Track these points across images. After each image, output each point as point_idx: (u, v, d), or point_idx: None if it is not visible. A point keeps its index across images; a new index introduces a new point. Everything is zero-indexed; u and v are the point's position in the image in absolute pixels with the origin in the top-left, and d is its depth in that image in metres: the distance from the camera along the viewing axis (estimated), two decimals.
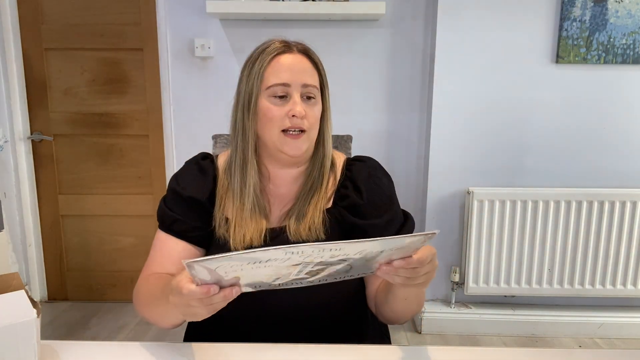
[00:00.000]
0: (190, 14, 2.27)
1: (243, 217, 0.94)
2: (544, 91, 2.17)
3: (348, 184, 0.98)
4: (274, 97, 0.91)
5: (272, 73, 0.91)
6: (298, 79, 0.91)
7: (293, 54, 0.93)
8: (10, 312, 0.71)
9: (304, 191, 0.96)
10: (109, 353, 0.81)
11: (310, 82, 0.92)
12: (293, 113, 0.89)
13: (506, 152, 2.22)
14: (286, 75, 0.90)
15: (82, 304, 2.58)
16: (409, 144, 2.37)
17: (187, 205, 0.96)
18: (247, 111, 0.93)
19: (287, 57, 0.92)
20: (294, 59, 0.92)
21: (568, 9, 2.08)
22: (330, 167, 1.00)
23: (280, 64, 0.91)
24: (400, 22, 2.26)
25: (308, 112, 0.91)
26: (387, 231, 0.95)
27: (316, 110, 0.94)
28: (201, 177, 0.99)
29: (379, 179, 0.99)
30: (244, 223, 0.93)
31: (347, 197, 0.96)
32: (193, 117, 2.37)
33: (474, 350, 0.86)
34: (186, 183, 0.98)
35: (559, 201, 2.15)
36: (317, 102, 0.94)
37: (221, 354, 0.81)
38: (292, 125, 0.90)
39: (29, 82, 2.42)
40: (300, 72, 0.91)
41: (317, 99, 0.94)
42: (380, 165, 1.04)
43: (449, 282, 2.36)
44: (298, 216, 0.94)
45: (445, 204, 2.29)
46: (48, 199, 2.54)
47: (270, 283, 0.69)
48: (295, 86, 0.91)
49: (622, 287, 2.21)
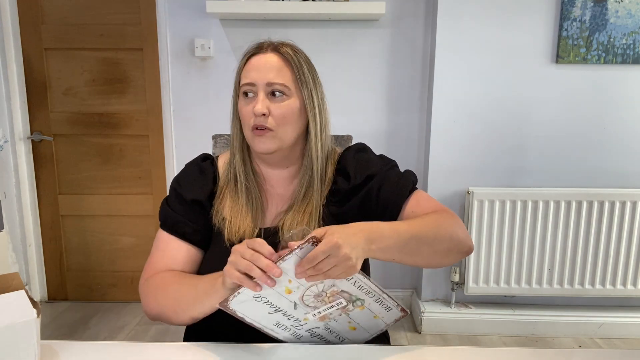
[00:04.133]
0: (190, 14, 2.27)
1: (239, 211, 0.96)
2: (544, 91, 2.17)
3: (338, 178, 0.99)
4: (244, 96, 0.95)
5: (244, 74, 0.95)
6: (262, 77, 0.92)
7: (265, 53, 0.95)
8: (10, 312, 0.71)
9: (297, 196, 0.97)
10: (109, 353, 0.81)
11: (275, 80, 0.92)
12: (254, 111, 0.91)
13: (506, 152, 2.22)
14: (252, 74, 0.93)
15: (82, 304, 2.58)
16: (409, 144, 2.37)
17: (189, 207, 0.98)
18: (234, 112, 0.98)
19: (257, 57, 0.94)
20: (263, 58, 0.94)
21: (568, 9, 2.08)
22: (326, 164, 1.00)
23: (251, 64, 0.94)
24: (400, 22, 2.26)
25: (273, 109, 0.92)
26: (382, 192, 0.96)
27: (285, 108, 0.93)
28: (202, 179, 1.01)
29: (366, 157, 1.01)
30: (240, 217, 0.96)
31: (339, 191, 0.98)
32: (193, 117, 2.37)
33: (474, 350, 0.86)
34: (188, 185, 1.00)
35: (559, 201, 2.15)
36: (287, 99, 0.93)
37: (221, 354, 0.81)
38: (255, 123, 0.92)
39: (29, 82, 2.42)
40: (266, 70, 0.92)
41: (290, 95, 0.94)
42: (367, 146, 1.05)
43: (449, 282, 2.36)
44: (292, 218, 0.95)
45: (445, 204, 2.25)
46: (48, 199, 2.54)
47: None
48: (260, 85, 0.92)
49: (622, 287, 2.21)
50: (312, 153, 0.97)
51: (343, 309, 0.79)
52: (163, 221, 0.99)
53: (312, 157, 0.97)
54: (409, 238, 0.81)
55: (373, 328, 0.86)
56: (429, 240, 0.84)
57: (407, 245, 0.81)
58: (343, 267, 0.71)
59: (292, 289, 0.74)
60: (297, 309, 0.78)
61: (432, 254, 0.85)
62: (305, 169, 0.98)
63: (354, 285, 0.76)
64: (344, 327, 0.84)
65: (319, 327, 0.83)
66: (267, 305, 0.76)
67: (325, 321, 0.81)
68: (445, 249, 0.87)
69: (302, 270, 0.71)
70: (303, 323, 0.81)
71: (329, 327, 0.83)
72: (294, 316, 0.79)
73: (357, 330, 0.85)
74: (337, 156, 1.03)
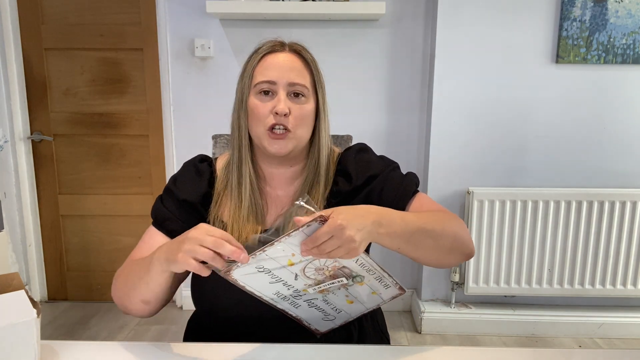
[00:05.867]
0: (190, 14, 2.27)
1: (240, 215, 0.95)
2: (544, 91, 2.17)
3: (339, 179, 0.99)
4: (260, 94, 0.92)
5: (260, 71, 0.92)
6: (284, 76, 0.91)
7: (283, 52, 0.94)
8: (10, 312, 0.71)
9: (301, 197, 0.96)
10: (109, 353, 0.81)
11: (297, 81, 0.92)
12: (276, 110, 0.90)
13: (506, 152, 2.22)
14: (273, 73, 0.91)
15: (82, 304, 2.59)
16: (409, 144, 2.37)
17: (181, 206, 0.97)
18: (240, 110, 0.95)
19: (276, 55, 0.93)
20: (283, 57, 0.93)
21: (568, 9, 2.08)
22: (327, 166, 0.99)
23: (269, 62, 0.93)
24: (400, 22, 2.26)
25: (294, 110, 0.91)
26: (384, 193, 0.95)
27: (305, 109, 0.93)
28: (197, 180, 1.00)
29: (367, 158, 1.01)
30: (241, 222, 0.94)
31: (340, 192, 0.97)
32: (193, 117, 2.37)
33: (474, 350, 0.86)
34: (182, 185, 1.00)
35: (559, 201, 2.15)
36: (307, 102, 0.94)
37: (221, 354, 0.81)
38: (275, 122, 0.91)
39: (29, 82, 2.42)
40: (288, 70, 0.92)
41: (308, 98, 0.94)
42: (367, 147, 1.05)
43: (449, 282, 2.36)
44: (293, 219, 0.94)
45: (445, 204, 2.29)
46: (48, 199, 2.54)
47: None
48: (282, 84, 0.91)
49: (622, 287, 2.21)
50: (319, 155, 0.97)
51: (343, 284, 0.81)
52: (154, 217, 0.99)
53: (319, 159, 0.97)
54: (417, 229, 0.81)
55: (370, 303, 0.87)
56: (435, 234, 0.84)
57: (413, 235, 0.81)
58: (346, 249, 0.71)
59: (294, 261, 0.75)
60: (297, 279, 0.78)
61: (435, 249, 0.85)
62: (310, 170, 0.98)
63: (356, 262, 0.77)
64: (342, 301, 0.85)
65: (317, 299, 0.84)
66: (268, 275, 0.77)
67: (324, 294, 0.83)
68: (449, 247, 0.87)
69: (307, 248, 0.71)
70: (302, 294, 0.82)
71: (327, 299, 0.84)
72: (294, 287, 0.80)
73: (354, 304, 0.86)
74: (337, 156, 1.03)
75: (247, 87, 0.94)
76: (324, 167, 0.98)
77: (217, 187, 0.99)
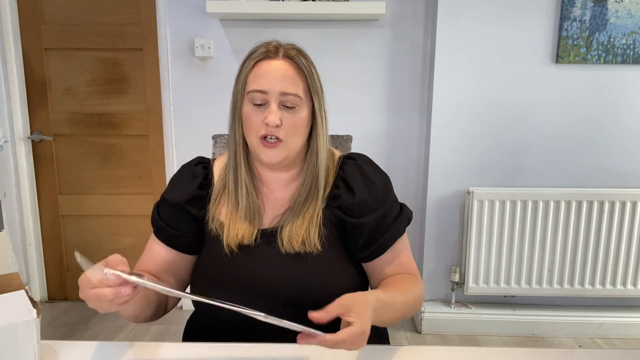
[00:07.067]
0: (190, 14, 2.27)
1: (237, 215, 0.95)
2: (544, 91, 2.17)
3: (340, 183, 0.98)
4: (252, 103, 0.91)
5: (252, 79, 0.91)
6: (276, 86, 0.89)
7: (276, 59, 0.91)
8: (10, 312, 0.71)
9: (298, 201, 0.95)
10: (109, 353, 0.81)
11: (289, 91, 0.90)
12: (267, 122, 0.89)
13: (506, 152, 2.22)
14: (264, 82, 0.90)
15: (82, 304, 2.55)
16: (409, 144, 2.37)
17: (173, 211, 0.98)
18: (235, 115, 0.95)
19: (269, 63, 0.91)
20: (276, 65, 0.91)
21: (568, 9, 2.08)
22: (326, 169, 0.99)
23: (262, 70, 0.91)
24: (400, 22, 2.26)
25: (286, 120, 0.90)
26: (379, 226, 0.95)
27: (297, 118, 0.91)
28: (191, 183, 1.00)
29: (372, 177, 0.98)
30: (238, 222, 0.94)
31: (339, 197, 0.96)
32: (193, 117, 2.37)
33: (474, 350, 0.86)
34: (176, 189, 1.01)
35: (559, 201, 2.15)
36: (300, 110, 0.92)
37: (221, 354, 0.81)
38: (266, 133, 0.90)
39: (29, 82, 2.42)
40: (280, 79, 0.90)
41: (301, 107, 0.92)
42: (372, 161, 1.03)
43: (449, 282, 2.36)
44: (292, 222, 0.93)
45: (445, 204, 2.29)
46: (48, 199, 2.54)
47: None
48: (273, 94, 0.89)
49: (622, 287, 2.21)
50: (317, 159, 0.96)
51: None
52: (152, 225, 1.01)
53: (317, 163, 0.96)
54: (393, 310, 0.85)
55: None
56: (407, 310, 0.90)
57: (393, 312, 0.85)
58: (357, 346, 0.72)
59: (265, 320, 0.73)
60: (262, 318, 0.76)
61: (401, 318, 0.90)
62: (307, 174, 0.97)
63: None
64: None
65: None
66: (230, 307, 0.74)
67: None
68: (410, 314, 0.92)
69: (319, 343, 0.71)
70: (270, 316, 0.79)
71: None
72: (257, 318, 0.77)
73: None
74: (338, 160, 1.02)
75: (240, 93, 0.93)
76: (322, 170, 0.97)
77: (217, 186, 1.00)
